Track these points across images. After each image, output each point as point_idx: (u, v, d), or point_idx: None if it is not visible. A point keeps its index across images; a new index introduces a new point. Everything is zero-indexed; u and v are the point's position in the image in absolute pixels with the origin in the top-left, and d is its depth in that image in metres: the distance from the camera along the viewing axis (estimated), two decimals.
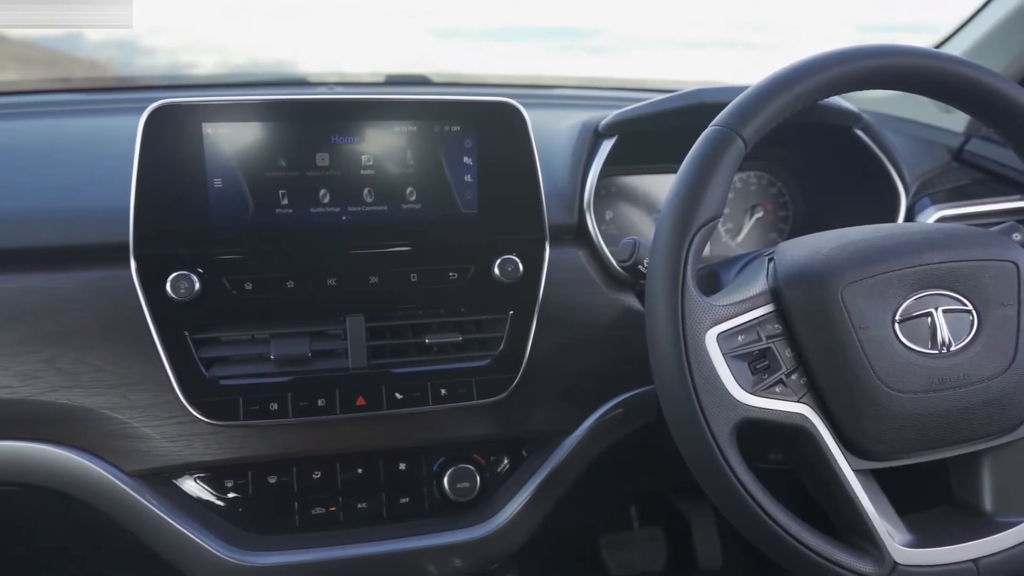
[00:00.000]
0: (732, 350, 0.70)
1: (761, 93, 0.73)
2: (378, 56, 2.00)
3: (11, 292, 0.83)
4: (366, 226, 0.86)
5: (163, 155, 0.81)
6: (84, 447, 0.82)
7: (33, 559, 1.17)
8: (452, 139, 0.87)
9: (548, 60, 2.52)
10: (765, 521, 0.69)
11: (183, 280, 0.81)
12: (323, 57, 1.95)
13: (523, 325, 0.88)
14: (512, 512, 0.89)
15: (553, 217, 0.91)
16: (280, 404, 0.82)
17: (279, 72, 1.58)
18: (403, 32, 2.06)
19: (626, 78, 1.76)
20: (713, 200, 0.71)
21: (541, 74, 1.87)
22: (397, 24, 2.06)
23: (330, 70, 1.48)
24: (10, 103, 1.24)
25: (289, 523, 0.86)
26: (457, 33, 2.40)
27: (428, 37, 2.41)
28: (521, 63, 2.47)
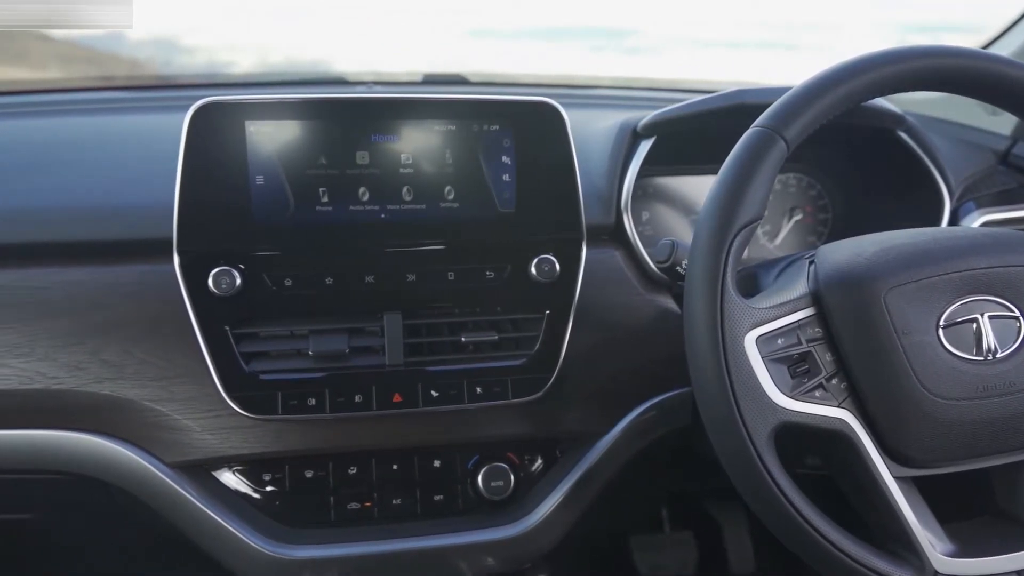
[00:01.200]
0: (771, 353, 0.69)
1: (805, 94, 0.72)
2: (413, 55, 2.01)
3: (59, 285, 0.85)
4: (404, 224, 0.86)
5: (207, 152, 0.82)
6: (127, 438, 0.84)
7: (77, 548, 1.19)
8: (491, 138, 0.87)
9: (583, 60, 2.51)
10: (803, 526, 0.68)
11: (225, 276, 0.82)
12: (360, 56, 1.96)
13: (559, 325, 0.88)
14: (545, 512, 0.89)
15: (590, 217, 0.91)
16: (318, 399, 0.83)
17: (317, 71, 1.60)
18: (438, 31, 2.07)
19: (662, 78, 1.75)
20: (754, 201, 0.70)
21: (576, 74, 1.87)
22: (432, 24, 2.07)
23: (367, 69, 1.49)
24: (56, 101, 1.28)
25: (324, 517, 0.87)
26: (491, 33, 2.40)
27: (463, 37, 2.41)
28: (556, 63, 2.47)
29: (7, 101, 1.25)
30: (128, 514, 0.92)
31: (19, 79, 1.73)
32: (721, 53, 2.46)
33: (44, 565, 1.21)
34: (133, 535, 1.11)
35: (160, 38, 2.20)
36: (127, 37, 2.30)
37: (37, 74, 2.30)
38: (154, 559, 1.21)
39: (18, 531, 1.07)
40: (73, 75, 2.00)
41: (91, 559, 1.23)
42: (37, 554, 1.20)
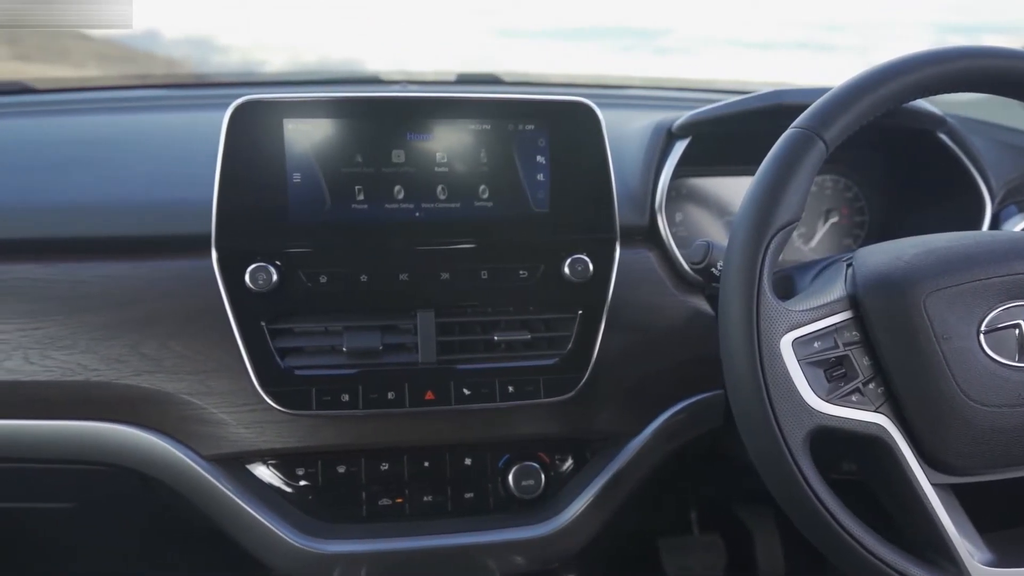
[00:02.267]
0: (808, 356, 0.69)
1: (846, 94, 0.71)
2: (444, 55, 2.02)
3: (99, 279, 0.87)
4: (439, 223, 0.87)
5: (245, 150, 0.83)
6: (164, 430, 0.85)
7: (113, 538, 1.21)
8: (525, 138, 0.87)
9: (613, 60, 2.50)
10: (838, 532, 0.67)
11: (261, 272, 0.83)
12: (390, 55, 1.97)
13: (591, 325, 0.88)
14: (576, 512, 0.89)
15: (624, 217, 0.91)
16: (351, 395, 0.83)
17: (349, 70, 1.61)
18: (468, 31, 2.07)
19: (694, 79, 1.74)
20: (792, 203, 0.70)
21: (608, 74, 1.86)
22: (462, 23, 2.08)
23: (399, 68, 1.50)
24: (95, 98, 1.30)
25: (356, 513, 0.88)
26: (521, 33, 2.40)
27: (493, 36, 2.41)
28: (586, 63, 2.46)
29: (49, 99, 1.28)
30: (164, 505, 0.94)
31: (60, 77, 1.76)
32: (754, 54, 2.44)
33: (81, 554, 1.23)
34: (167, 525, 1.13)
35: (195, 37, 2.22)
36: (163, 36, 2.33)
37: (77, 72, 2.34)
38: (188, 550, 1.22)
39: (57, 520, 1.09)
40: (111, 73, 2.03)
41: (126, 549, 1.25)
42: (74, 543, 1.22)
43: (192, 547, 1.21)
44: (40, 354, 0.84)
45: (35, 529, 1.16)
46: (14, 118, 1.13)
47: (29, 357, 0.84)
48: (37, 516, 1.07)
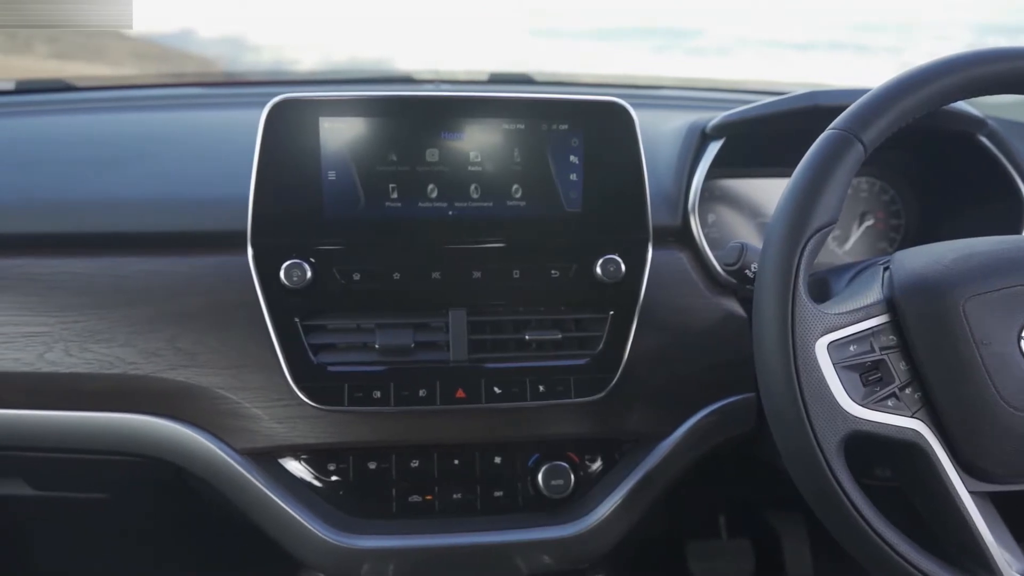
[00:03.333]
0: (843, 360, 0.68)
1: (885, 96, 0.70)
2: (475, 54, 2.02)
3: (137, 274, 0.88)
4: (471, 221, 0.87)
5: (282, 148, 0.84)
6: (199, 423, 0.86)
7: (147, 529, 1.24)
8: (559, 138, 0.87)
9: (645, 60, 2.49)
10: (872, 538, 0.66)
11: (296, 268, 0.84)
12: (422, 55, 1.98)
13: (623, 325, 0.88)
14: (605, 512, 0.88)
15: (657, 218, 0.90)
16: (383, 392, 0.84)
17: (383, 69, 1.62)
18: (500, 31, 2.08)
19: (727, 79, 1.73)
20: (829, 205, 0.69)
21: (640, 74, 1.86)
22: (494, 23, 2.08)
23: (431, 68, 1.51)
24: (133, 96, 1.32)
25: (386, 509, 0.88)
26: (553, 33, 2.40)
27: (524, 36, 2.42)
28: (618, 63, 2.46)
29: (89, 96, 1.30)
30: (196, 497, 0.95)
31: (99, 75, 1.79)
32: (789, 55, 2.42)
33: (114, 544, 1.26)
34: (200, 518, 1.15)
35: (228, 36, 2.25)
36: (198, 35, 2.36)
37: (114, 70, 2.37)
38: (219, 542, 1.24)
39: (93, 509, 1.11)
40: (147, 71, 2.06)
41: (158, 540, 1.27)
42: (109, 533, 1.24)
43: (223, 539, 1.23)
44: (80, 347, 0.85)
45: (71, 518, 1.19)
46: (56, 115, 1.16)
47: (69, 349, 0.85)
48: (74, 505, 1.09)
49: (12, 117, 1.13)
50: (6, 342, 0.85)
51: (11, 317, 0.86)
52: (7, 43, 1.93)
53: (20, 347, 0.85)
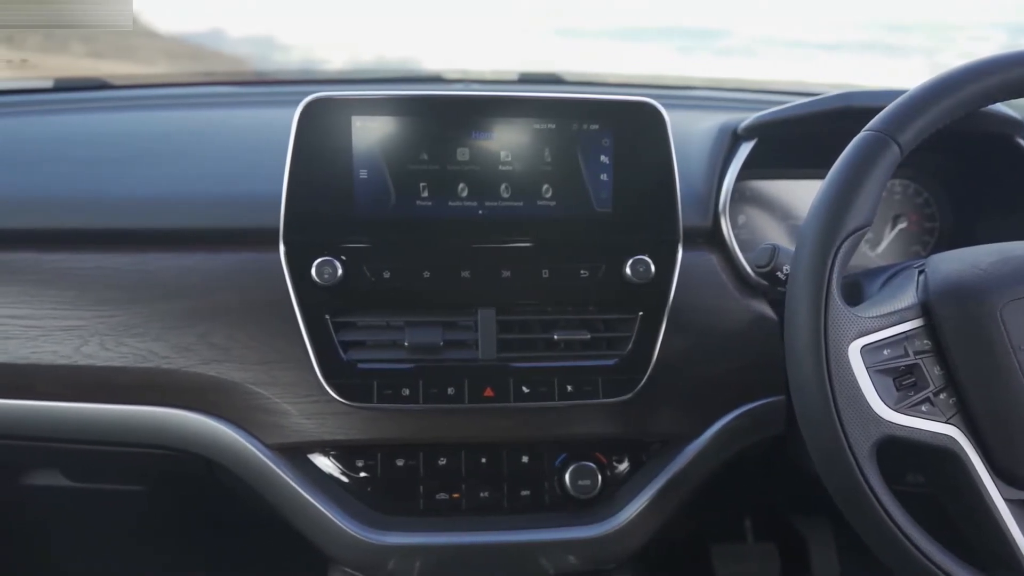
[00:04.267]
0: (876, 364, 0.67)
1: (922, 97, 0.69)
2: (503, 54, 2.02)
3: (171, 270, 0.89)
4: (501, 221, 0.87)
5: (314, 146, 0.85)
6: (230, 418, 0.87)
7: (180, 522, 1.25)
8: (590, 137, 0.87)
9: (671, 61, 2.48)
10: (905, 545, 0.66)
11: (327, 266, 0.84)
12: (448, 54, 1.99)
13: (652, 326, 0.88)
14: (632, 513, 0.88)
15: (687, 219, 0.90)
16: (411, 390, 0.84)
17: (412, 69, 1.63)
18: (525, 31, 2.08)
19: (756, 80, 1.72)
20: (864, 207, 0.68)
21: (667, 74, 1.85)
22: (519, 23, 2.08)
23: (459, 68, 1.51)
24: (166, 95, 1.34)
25: (414, 506, 0.89)
26: (578, 32, 2.39)
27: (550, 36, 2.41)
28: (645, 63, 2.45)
29: (125, 95, 1.32)
30: (227, 491, 0.96)
31: (135, 74, 1.81)
32: (817, 55, 2.39)
33: (148, 535, 1.28)
34: (231, 511, 1.16)
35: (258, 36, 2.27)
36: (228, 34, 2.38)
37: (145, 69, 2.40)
38: (249, 535, 1.26)
39: (128, 501, 1.13)
40: (178, 70, 2.09)
41: (191, 532, 1.29)
42: (143, 524, 1.26)
43: (252, 534, 1.24)
44: (115, 341, 0.87)
45: (105, 510, 1.21)
46: (92, 112, 1.18)
47: (105, 343, 0.87)
48: (110, 497, 1.11)
49: (51, 114, 1.15)
50: (44, 335, 0.87)
51: (49, 311, 0.87)
52: (45, 42, 1.96)
53: (58, 340, 0.87)
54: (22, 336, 0.87)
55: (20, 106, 1.18)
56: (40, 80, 1.34)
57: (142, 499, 1.11)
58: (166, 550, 1.33)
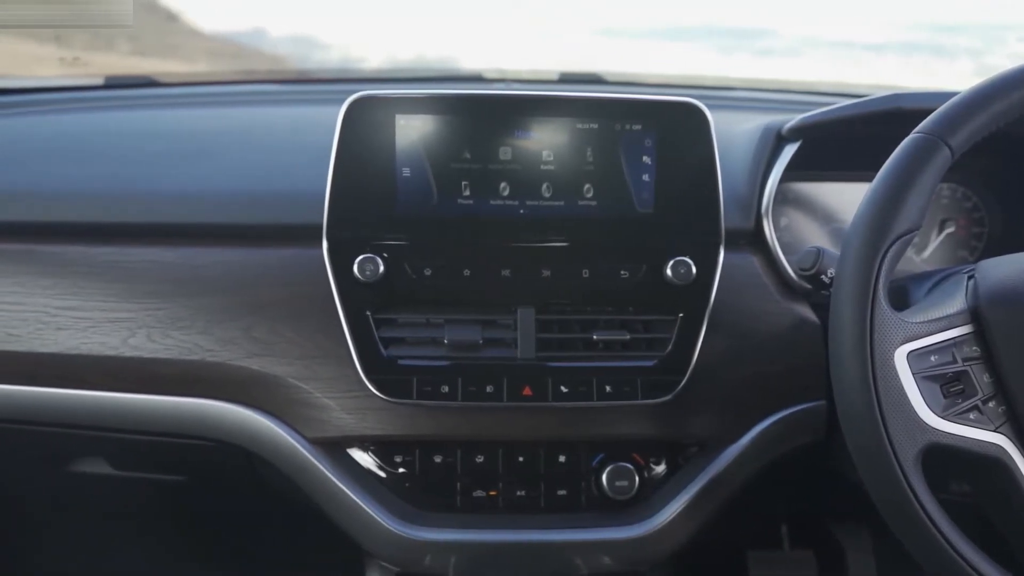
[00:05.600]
0: (923, 370, 0.66)
1: (976, 99, 0.68)
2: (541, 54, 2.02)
3: (216, 264, 0.91)
4: (542, 220, 0.87)
5: (358, 144, 0.85)
6: (272, 411, 0.88)
7: (220, 513, 1.28)
8: (632, 138, 0.87)
9: (711, 61, 2.46)
10: (952, 556, 0.65)
11: (369, 262, 0.85)
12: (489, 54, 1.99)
13: (692, 328, 0.87)
14: (669, 516, 0.88)
15: (729, 221, 0.89)
16: (450, 387, 0.85)
17: (452, 68, 1.64)
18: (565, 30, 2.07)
19: (799, 81, 1.69)
20: (913, 211, 0.67)
21: (708, 75, 1.83)
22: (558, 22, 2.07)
23: (498, 67, 1.51)
24: (214, 93, 1.36)
25: (451, 503, 0.89)
26: (617, 32, 2.38)
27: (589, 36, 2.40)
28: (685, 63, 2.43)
29: (172, 92, 1.35)
30: (267, 484, 0.98)
31: (182, 72, 1.84)
32: (861, 56, 2.35)
33: (188, 525, 1.30)
34: (270, 504, 1.17)
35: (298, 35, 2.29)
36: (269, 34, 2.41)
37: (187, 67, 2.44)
38: (287, 528, 1.27)
39: (169, 491, 1.15)
40: (220, 68, 2.12)
41: (230, 524, 1.31)
42: (183, 514, 1.29)
43: (290, 526, 1.26)
44: (162, 333, 0.88)
45: (147, 499, 1.23)
46: (141, 110, 1.20)
47: (151, 335, 0.88)
48: (152, 487, 1.13)
49: (101, 111, 1.18)
50: (93, 326, 0.89)
51: (98, 303, 0.89)
52: (92, 41, 2.01)
53: (106, 332, 0.89)
54: (72, 327, 0.89)
55: (72, 103, 1.21)
56: (91, 78, 1.37)
57: (181, 489, 1.13)
58: (203, 540, 1.36)
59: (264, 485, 0.98)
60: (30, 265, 0.91)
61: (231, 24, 2.40)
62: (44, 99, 1.22)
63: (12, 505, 1.29)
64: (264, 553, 1.35)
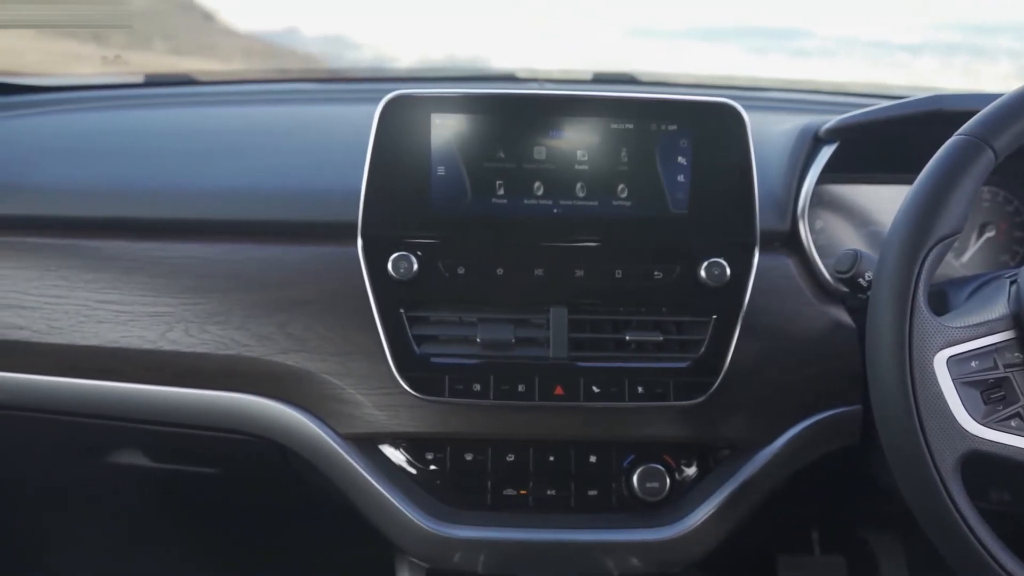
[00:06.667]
0: (963, 376, 0.65)
1: (1019, 101, 0.67)
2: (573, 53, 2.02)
3: (252, 261, 0.92)
4: (576, 220, 0.87)
5: (394, 142, 0.86)
6: (305, 406, 0.89)
7: (251, 506, 1.29)
8: (667, 138, 0.87)
9: (746, 61, 2.44)
10: (991, 566, 0.64)
11: (403, 260, 0.86)
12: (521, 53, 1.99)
13: (726, 330, 0.87)
14: (699, 519, 0.87)
15: (764, 222, 0.89)
16: (482, 385, 0.85)
17: (485, 68, 1.64)
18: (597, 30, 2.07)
19: (834, 82, 1.67)
20: (954, 214, 0.66)
21: (742, 75, 1.82)
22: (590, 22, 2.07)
23: (531, 67, 1.51)
24: (251, 91, 1.38)
25: (481, 501, 0.89)
26: (650, 32, 2.37)
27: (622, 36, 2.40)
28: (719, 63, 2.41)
29: (210, 90, 1.36)
30: (299, 478, 0.99)
31: (220, 70, 1.87)
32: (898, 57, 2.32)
33: (219, 518, 1.32)
34: (301, 498, 1.19)
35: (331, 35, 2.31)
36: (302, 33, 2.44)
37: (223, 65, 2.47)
38: (317, 522, 1.28)
39: (202, 484, 1.17)
40: (254, 67, 2.14)
41: (261, 517, 1.32)
42: (215, 507, 1.30)
43: (321, 520, 1.27)
44: (199, 328, 0.90)
45: (181, 491, 1.25)
46: (180, 107, 1.22)
47: (189, 330, 0.90)
48: (186, 479, 1.15)
49: (141, 109, 1.20)
50: (133, 320, 0.91)
51: (138, 297, 0.91)
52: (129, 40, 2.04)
53: (145, 325, 0.90)
54: (113, 320, 0.91)
55: (113, 100, 1.23)
56: (131, 76, 1.40)
57: (213, 482, 1.15)
58: (235, 533, 1.38)
59: (297, 479, 0.99)
60: (73, 259, 0.93)
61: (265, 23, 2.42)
62: (86, 96, 1.24)
63: (51, 495, 1.32)
64: (294, 548, 1.37)
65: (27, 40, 1.58)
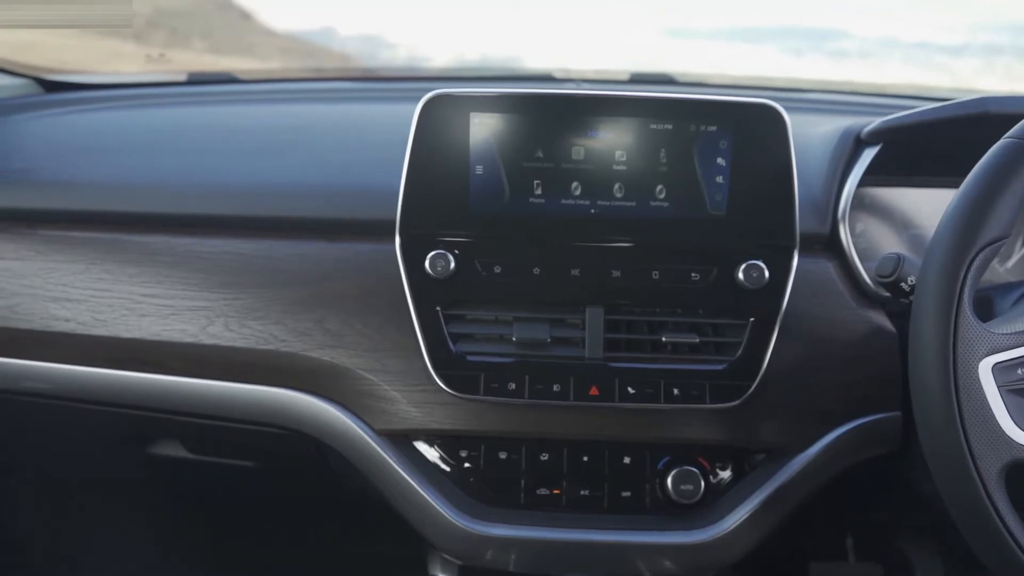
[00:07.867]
0: (1010, 383, 0.64)
1: None
2: (611, 53, 2.01)
3: (291, 257, 0.93)
4: (613, 220, 0.87)
5: (433, 141, 0.86)
6: (342, 402, 0.90)
7: (286, 499, 1.31)
8: (707, 139, 0.86)
9: (783, 62, 2.41)
10: None
11: (440, 259, 0.86)
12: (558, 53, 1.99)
13: (763, 333, 0.86)
14: (734, 523, 0.87)
15: (804, 225, 0.88)
16: (517, 384, 0.85)
17: (523, 68, 1.64)
18: (635, 31, 2.06)
19: (874, 83, 1.65)
20: (1002, 218, 0.65)
21: (781, 76, 1.80)
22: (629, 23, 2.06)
23: (568, 67, 1.52)
24: (290, 89, 1.40)
25: (515, 499, 0.89)
26: (691, 32, 2.36)
27: (660, 36, 2.39)
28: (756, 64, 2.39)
29: (251, 88, 1.38)
30: (334, 473, 1.00)
31: (261, 69, 1.90)
32: (939, 58, 2.28)
33: (254, 509, 1.33)
34: (335, 493, 1.20)
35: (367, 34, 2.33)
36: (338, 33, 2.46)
37: (261, 64, 2.50)
38: (351, 516, 1.30)
39: (239, 476, 1.19)
40: (291, 66, 2.17)
41: (295, 510, 1.34)
42: (251, 498, 1.32)
43: (355, 515, 1.28)
44: (238, 323, 0.91)
45: (218, 483, 1.27)
46: (222, 105, 1.24)
47: (229, 325, 0.91)
48: (223, 471, 1.17)
49: (185, 106, 1.22)
50: (174, 314, 0.92)
51: (180, 291, 0.92)
52: (169, 39, 2.08)
53: (186, 319, 0.92)
54: (155, 314, 0.92)
55: (157, 98, 1.26)
56: (174, 73, 1.42)
57: (249, 475, 1.16)
58: (268, 526, 1.39)
59: (332, 475, 1.00)
60: (118, 253, 0.95)
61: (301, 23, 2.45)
62: (130, 94, 1.26)
63: (90, 485, 1.35)
64: (327, 542, 1.38)
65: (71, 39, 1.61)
